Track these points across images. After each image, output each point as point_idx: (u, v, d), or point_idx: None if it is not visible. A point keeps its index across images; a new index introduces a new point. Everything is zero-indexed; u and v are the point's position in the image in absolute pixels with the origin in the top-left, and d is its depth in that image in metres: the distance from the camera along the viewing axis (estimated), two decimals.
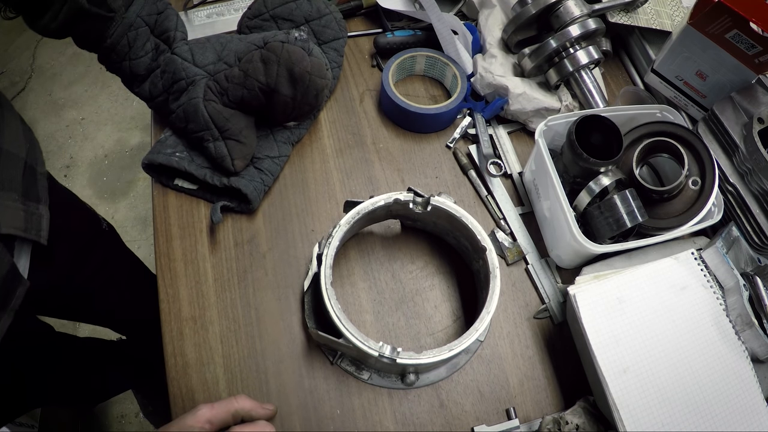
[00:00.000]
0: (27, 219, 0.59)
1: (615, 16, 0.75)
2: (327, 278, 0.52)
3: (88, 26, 0.59)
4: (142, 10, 0.61)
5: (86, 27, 0.59)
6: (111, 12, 0.59)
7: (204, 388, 0.55)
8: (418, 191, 0.56)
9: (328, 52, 0.73)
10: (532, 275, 0.63)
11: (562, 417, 0.53)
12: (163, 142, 0.67)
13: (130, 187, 1.74)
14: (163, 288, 0.60)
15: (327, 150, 0.71)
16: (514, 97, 0.70)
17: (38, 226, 0.62)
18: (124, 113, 1.90)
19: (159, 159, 0.64)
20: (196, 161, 0.65)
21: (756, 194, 0.60)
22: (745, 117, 0.61)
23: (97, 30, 0.59)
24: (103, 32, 0.59)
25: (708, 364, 0.51)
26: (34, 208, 0.61)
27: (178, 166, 0.64)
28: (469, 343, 0.51)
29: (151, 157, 0.64)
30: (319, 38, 0.73)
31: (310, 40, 0.64)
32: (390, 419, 0.55)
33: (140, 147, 1.82)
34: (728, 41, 0.61)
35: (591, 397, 0.54)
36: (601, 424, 0.52)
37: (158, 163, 0.64)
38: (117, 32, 0.60)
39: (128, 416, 1.35)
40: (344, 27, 0.74)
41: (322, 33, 0.73)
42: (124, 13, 0.60)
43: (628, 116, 0.64)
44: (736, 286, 0.53)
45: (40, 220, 0.62)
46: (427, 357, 0.50)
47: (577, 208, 0.60)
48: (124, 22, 0.60)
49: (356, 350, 0.50)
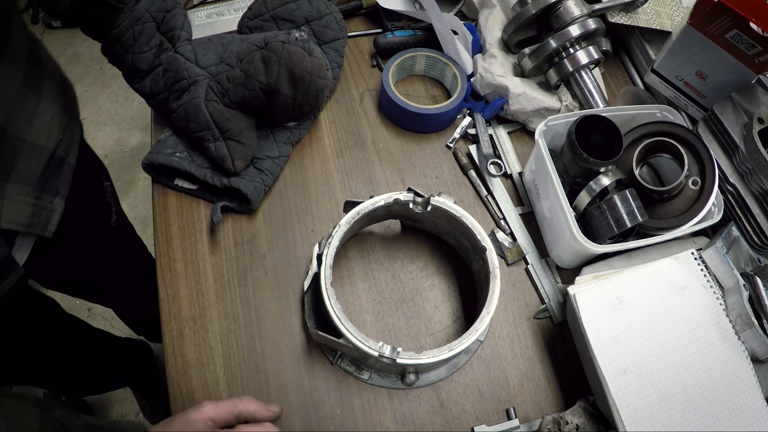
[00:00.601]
0: (34, 214, 0.59)
1: (615, 16, 0.75)
2: (327, 278, 0.52)
3: (96, 13, 0.59)
4: (152, 5, 0.62)
5: (95, 13, 0.59)
6: (121, 2, 0.59)
7: (204, 388, 0.55)
8: (418, 191, 0.56)
9: (329, 52, 0.73)
10: (532, 275, 0.63)
11: (562, 417, 0.53)
12: (163, 142, 0.67)
13: (130, 187, 1.74)
14: (163, 288, 0.60)
15: (327, 150, 0.71)
16: (514, 97, 0.70)
17: (46, 220, 0.61)
18: (124, 113, 1.90)
19: (159, 159, 0.64)
20: (197, 161, 0.65)
21: (756, 194, 0.60)
22: (745, 117, 0.61)
23: (104, 18, 0.60)
24: (111, 21, 0.60)
25: (708, 364, 0.51)
26: (47, 202, 0.60)
27: (179, 166, 0.64)
28: (469, 343, 0.51)
29: (151, 157, 0.64)
30: (320, 38, 0.73)
31: (311, 40, 0.64)
32: (390, 419, 0.55)
33: (140, 147, 1.82)
34: (728, 41, 0.61)
35: (591, 397, 0.54)
36: (601, 424, 0.52)
37: (158, 163, 0.64)
38: (124, 23, 0.60)
39: (128, 416, 1.35)
40: (344, 27, 0.74)
41: (323, 33, 0.73)
42: (134, 5, 0.60)
43: (628, 116, 0.64)
44: (736, 286, 0.53)
45: (50, 215, 0.61)
46: (427, 357, 0.50)
47: (577, 208, 0.60)
48: (133, 15, 0.60)
49: (356, 350, 0.50)
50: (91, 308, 1.52)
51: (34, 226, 0.59)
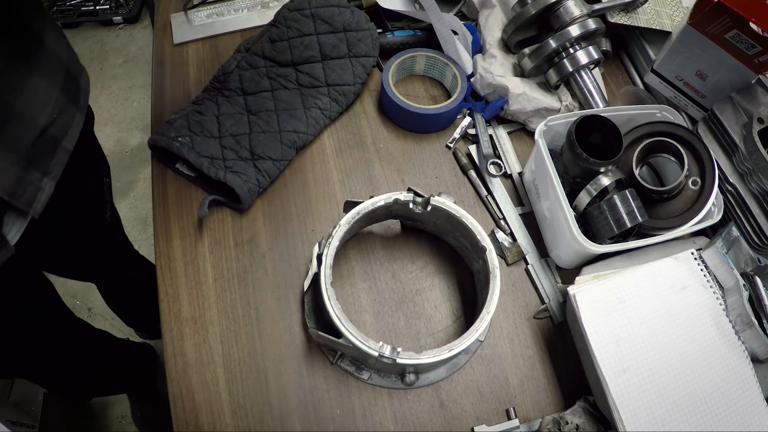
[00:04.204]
0: (18, 184, 0.57)
1: (615, 16, 0.75)
2: (327, 278, 0.52)
3: None
4: None
5: None
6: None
7: (204, 388, 0.55)
8: (418, 191, 0.56)
9: (356, 66, 0.74)
10: (532, 275, 0.63)
11: (562, 417, 0.53)
12: (170, 123, 0.68)
13: (131, 188, 1.74)
14: (163, 288, 0.60)
15: (327, 150, 0.71)
16: (514, 97, 0.70)
17: (31, 196, 0.59)
18: (125, 114, 1.90)
19: (161, 142, 0.65)
20: (197, 149, 0.65)
21: (756, 194, 0.60)
22: (744, 117, 0.61)
23: None
24: None
25: (708, 364, 0.51)
26: (35, 178, 0.59)
27: (178, 152, 0.64)
28: (469, 343, 0.51)
29: (156, 138, 0.66)
30: (351, 50, 0.74)
31: None
32: (390, 419, 0.55)
33: (140, 147, 1.82)
34: (728, 41, 0.61)
35: (591, 397, 0.54)
36: (601, 424, 0.52)
37: (160, 146, 0.65)
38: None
39: (128, 417, 1.35)
40: (377, 47, 0.75)
41: (355, 46, 0.74)
42: None
43: (628, 116, 0.64)
44: (736, 286, 0.53)
45: (36, 192, 0.60)
46: (427, 357, 0.50)
47: (577, 208, 0.60)
48: None
49: (356, 350, 0.50)
50: (91, 308, 1.52)
51: (17, 197, 0.57)
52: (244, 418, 0.54)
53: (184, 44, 0.80)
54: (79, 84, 0.69)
